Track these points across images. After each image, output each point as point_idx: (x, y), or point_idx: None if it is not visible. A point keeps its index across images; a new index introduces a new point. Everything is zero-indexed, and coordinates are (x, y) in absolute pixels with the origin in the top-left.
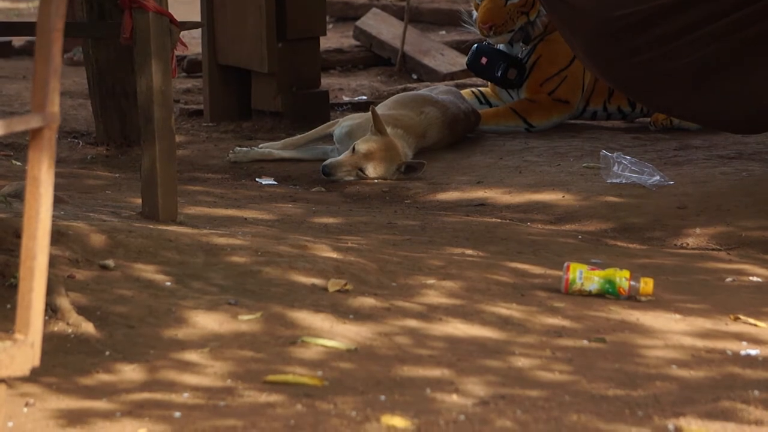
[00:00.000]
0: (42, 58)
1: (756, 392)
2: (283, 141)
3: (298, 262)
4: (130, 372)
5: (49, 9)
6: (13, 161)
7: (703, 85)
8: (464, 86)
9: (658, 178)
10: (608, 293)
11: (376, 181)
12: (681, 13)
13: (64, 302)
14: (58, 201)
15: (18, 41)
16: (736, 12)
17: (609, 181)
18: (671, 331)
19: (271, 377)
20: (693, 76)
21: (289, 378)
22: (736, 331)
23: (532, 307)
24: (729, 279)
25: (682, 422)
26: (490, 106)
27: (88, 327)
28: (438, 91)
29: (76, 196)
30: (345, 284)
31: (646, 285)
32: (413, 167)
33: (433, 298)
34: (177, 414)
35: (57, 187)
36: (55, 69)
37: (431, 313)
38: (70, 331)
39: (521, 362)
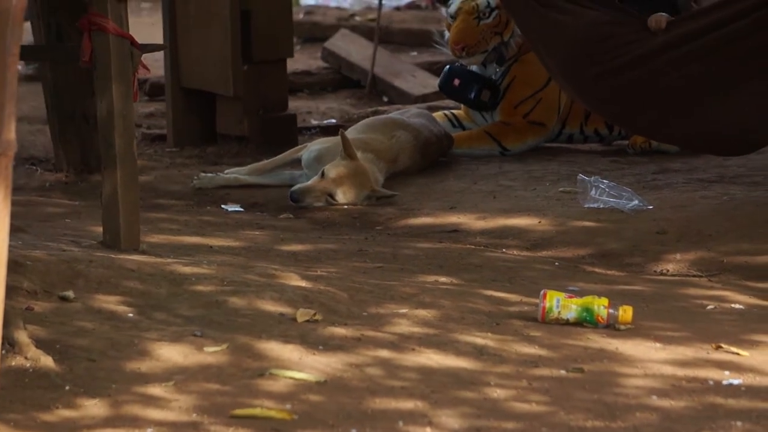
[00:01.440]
0: None
1: (739, 423)
2: (249, 166)
3: (265, 291)
4: (92, 407)
5: (5, 32)
6: None
7: (684, 106)
8: (437, 109)
9: (636, 202)
10: (586, 322)
11: (346, 206)
12: (662, 33)
13: (21, 336)
14: (15, 230)
15: None
16: (717, 31)
17: (586, 205)
18: (651, 360)
19: (238, 411)
20: (674, 97)
21: (257, 412)
22: (718, 360)
23: (508, 336)
24: (710, 306)
25: None
26: (464, 129)
27: (47, 361)
28: (410, 114)
29: (34, 224)
30: (314, 314)
31: (625, 313)
32: (387, 197)
33: (406, 327)
34: None
35: (14, 216)
36: (11, 94)
37: (404, 343)
38: (28, 365)
39: (497, 393)
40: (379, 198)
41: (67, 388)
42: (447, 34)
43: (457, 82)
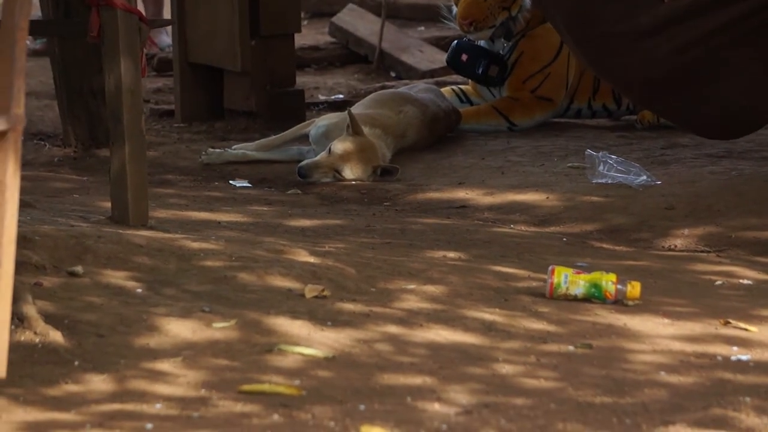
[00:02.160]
0: (5, 58)
1: (747, 399)
2: (257, 142)
3: (273, 267)
4: (100, 382)
5: (13, 6)
6: None
7: (682, 87)
8: (444, 84)
9: (644, 177)
10: (594, 297)
11: (353, 182)
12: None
13: (31, 311)
14: (24, 205)
15: None
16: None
17: (594, 181)
18: (659, 335)
19: (246, 387)
20: (671, 76)
21: (266, 387)
22: (727, 336)
23: (516, 312)
24: (719, 282)
25: (672, 431)
26: (471, 104)
27: (56, 336)
28: (417, 89)
29: (43, 200)
30: (323, 290)
31: (634, 288)
32: (389, 171)
33: (414, 303)
34: (149, 425)
35: (23, 191)
36: (20, 69)
37: (412, 318)
38: (37, 340)
39: (505, 369)
40: (383, 172)
41: (75, 363)
42: (455, 9)
43: (464, 57)
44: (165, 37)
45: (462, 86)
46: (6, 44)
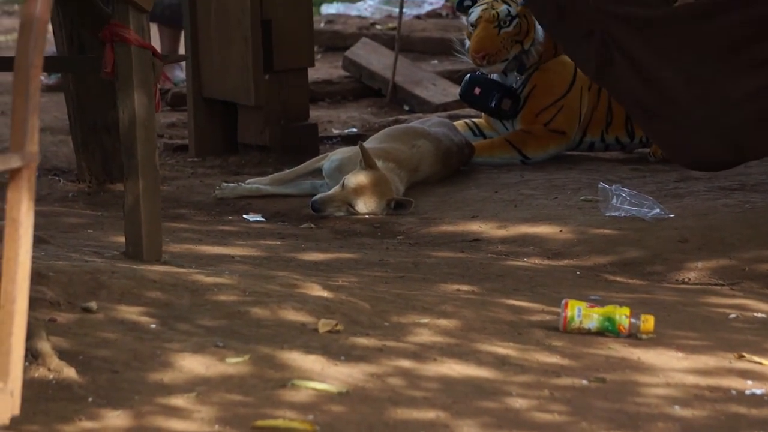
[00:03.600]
0: (20, 95)
1: None
2: (270, 176)
3: (287, 301)
4: (115, 418)
5: (27, 45)
6: None
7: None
8: (457, 117)
9: (658, 210)
10: (608, 331)
11: (367, 216)
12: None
13: (45, 347)
14: (38, 241)
15: None
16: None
17: (607, 214)
18: (673, 369)
19: (260, 422)
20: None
21: (279, 423)
22: (741, 369)
23: (530, 346)
24: (732, 315)
25: None
26: (485, 137)
27: (70, 372)
28: (430, 123)
29: (57, 235)
30: (336, 324)
31: (647, 322)
32: (402, 204)
33: (427, 337)
34: None
35: (37, 227)
36: (34, 106)
37: (425, 353)
38: (51, 377)
39: (518, 403)
40: (397, 205)
41: (90, 399)
42: (467, 42)
43: (477, 90)
44: (179, 72)
45: (475, 119)
46: (21, 82)
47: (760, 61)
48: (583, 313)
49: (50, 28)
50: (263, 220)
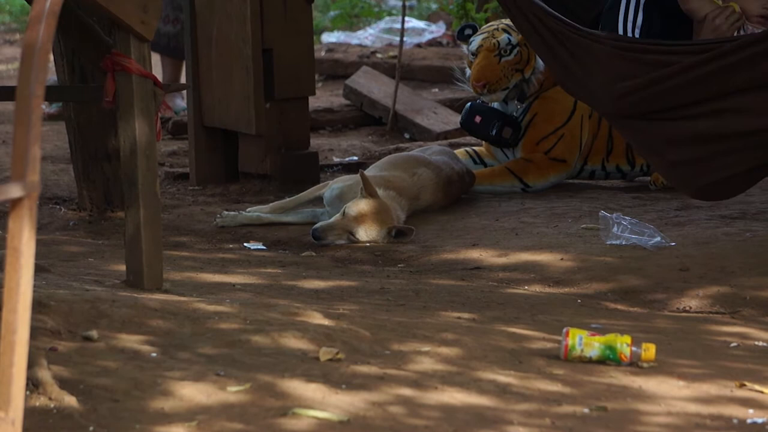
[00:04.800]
0: (22, 125)
1: None
2: (271, 204)
3: (288, 329)
4: None
5: (29, 74)
6: None
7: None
8: (458, 145)
9: (658, 239)
10: (609, 359)
11: (367, 244)
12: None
13: (45, 376)
14: (39, 270)
15: None
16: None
17: (608, 242)
18: (674, 397)
19: None
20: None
21: None
22: (742, 398)
23: (531, 374)
24: (733, 343)
25: None
26: (485, 165)
27: (71, 401)
28: (431, 151)
29: (58, 264)
30: (337, 353)
31: (648, 350)
32: (403, 232)
33: (428, 365)
34: None
35: (38, 255)
36: (35, 136)
37: (426, 381)
38: (52, 405)
39: None
40: (398, 233)
41: (90, 428)
42: (468, 71)
43: (478, 119)
44: (180, 101)
45: (476, 148)
46: (22, 111)
47: None
48: (584, 342)
49: (51, 56)
50: (264, 248)
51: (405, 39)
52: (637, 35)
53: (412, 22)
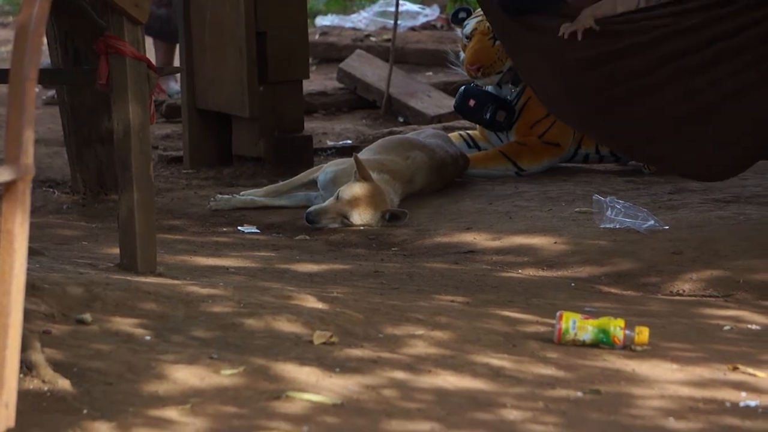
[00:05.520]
0: (15, 108)
1: None
2: (265, 188)
3: (281, 313)
4: (109, 430)
5: (22, 58)
6: None
7: (687, 129)
8: (452, 129)
9: (652, 222)
10: (602, 343)
11: (361, 227)
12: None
13: (39, 359)
14: (33, 253)
15: None
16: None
17: (602, 226)
18: (668, 381)
19: None
20: (676, 119)
21: None
22: (735, 381)
23: (524, 358)
24: (727, 327)
25: None
26: (479, 149)
27: (64, 384)
28: (425, 134)
29: (51, 247)
30: (331, 336)
31: (642, 334)
32: (397, 215)
33: (422, 349)
34: None
35: (32, 239)
36: (29, 119)
37: (420, 364)
38: (45, 388)
39: (513, 415)
40: (391, 216)
41: (84, 411)
42: (462, 54)
43: (472, 102)
44: (174, 84)
45: (470, 131)
46: (15, 95)
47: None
48: (577, 325)
49: (44, 39)
50: (258, 231)
51: (399, 22)
52: None
53: (406, 6)
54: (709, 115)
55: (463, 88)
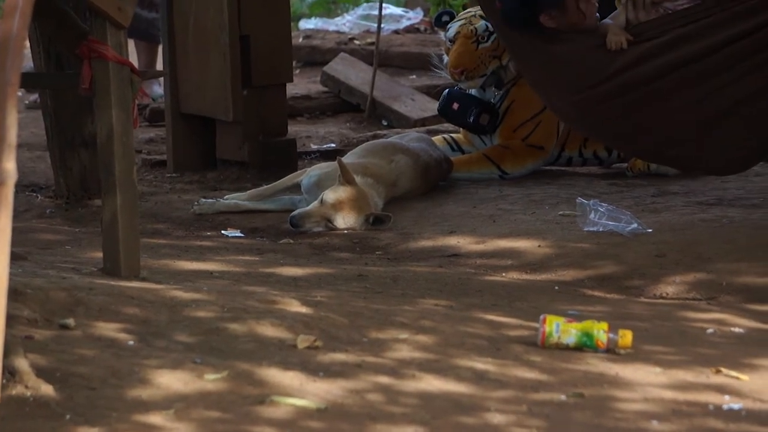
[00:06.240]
0: None
1: None
2: (249, 192)
3: (265, 317)
4: None
5: (4, 62)
6: None
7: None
8: (436, 132)
9: (635, 225)
10: (586, 346)
11: (345, 231)
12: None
13: (22, 364)
14: (16, 258)
15: None
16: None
17: (585, 229)
18: (651, 384)
19: None
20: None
21: None
22: (718, 384)
23: (508, 361)
24: (710, 330)
25: None
26: (463, 152)
27: (47, 390)
28: (409, 138)
29: (34, 252)
30: (315, 340)
31: (625, 337)
32: (381, 219)
33: (406, 353)
34: None
35: (14, 243)
36: (11, 124)
37: (404, 368)
38: (29, 394)
39: (497, 419)
40: (375, 220)
41: (67, 417)
42: (446, 57)
43: (456, 105)
44: (157, 88)
45: (453, 135)
46: None
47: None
48: (561, 329)
49: (27, 43)
50: (242, 235)
51: (383, 25)
52: None
53: (389, 9)
54: (727, 115)
55: (446, 91)
